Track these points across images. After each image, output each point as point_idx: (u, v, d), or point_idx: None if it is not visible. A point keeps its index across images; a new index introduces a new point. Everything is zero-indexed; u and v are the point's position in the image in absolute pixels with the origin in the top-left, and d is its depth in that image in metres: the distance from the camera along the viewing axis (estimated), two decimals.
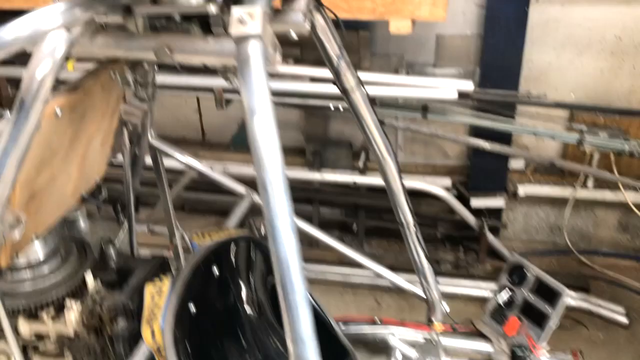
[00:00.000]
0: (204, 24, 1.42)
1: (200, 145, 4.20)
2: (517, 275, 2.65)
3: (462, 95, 3.25)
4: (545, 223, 3.90)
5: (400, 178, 2.03)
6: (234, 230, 2.20)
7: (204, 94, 3.69)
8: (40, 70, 1.26)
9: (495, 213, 3.77)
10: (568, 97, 3.51)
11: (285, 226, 1.06)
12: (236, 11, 1.21)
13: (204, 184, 3.90)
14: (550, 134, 3.34)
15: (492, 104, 3.35)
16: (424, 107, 3.36)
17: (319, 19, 1.60)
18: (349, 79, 1.75)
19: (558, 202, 3.76)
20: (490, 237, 3.64)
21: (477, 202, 3.65)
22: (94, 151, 1.90)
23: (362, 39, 3.49)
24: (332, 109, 3.44)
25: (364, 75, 3.21)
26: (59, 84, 1.43)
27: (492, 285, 2.80)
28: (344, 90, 1.79)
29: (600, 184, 3.59)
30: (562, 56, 3.41)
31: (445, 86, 3.19)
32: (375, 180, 3.66)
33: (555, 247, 3.89)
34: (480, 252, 3.74)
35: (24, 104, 1.27)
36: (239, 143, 4.15)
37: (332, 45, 1.67)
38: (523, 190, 3.66)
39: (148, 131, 2.17)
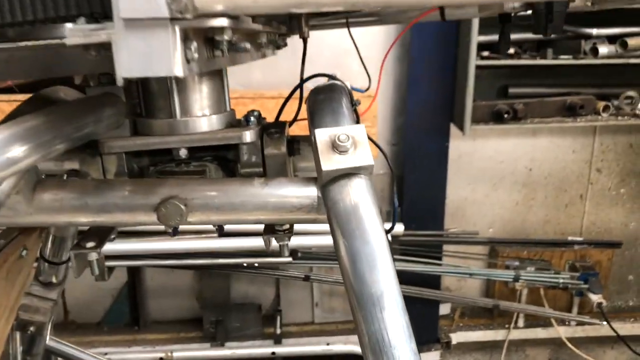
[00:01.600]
0: (222, 160, 0.90)
1: (63, 328, 3.31)
2: None
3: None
4: None
5: None
6: None
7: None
8: None
9: None
10: (486, 231, 3.35)
11: None
12: (323, 134, 0.73)
13: None
14: (485, 274, 3.09)
15: (418, 246, 3.05)
16: None
17: None
18: None
19: (489, 346, 3.46)
20: None
21: None
22: None
23: None
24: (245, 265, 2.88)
25: None
26: None
27: None
28: None
29: (530, 321, 3.37)
30: (478, 190, 3.28)
31: None
32: (296, 348, 3.08)
33: None
34: None
35: None
36: (115, 320, 3.35)
37: None
38: (455, 338, 3.31)
39: (48, 331, 1.47)
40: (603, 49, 2.75)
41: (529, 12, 0.91)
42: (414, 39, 2.77)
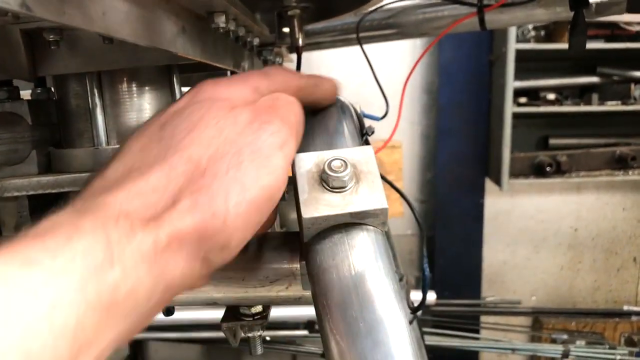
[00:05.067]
0: None
1: None
2: None
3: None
4: None
5: None
6: None
7: None
8: None
9: None
10: (528, 299, 2.99)
11: None
12: (306, 160, 0.45)
13: None
14: (530, 349, 2.70)
15: (452, 317, 2.70)
16: None
17: None
18: None
19: None
20: None
21: None
22: None
23: None
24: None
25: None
26: None
27: None
28: None
29: None
30: (518, 253, 2.94)
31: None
32: None
33: None
34: None
35: None
36: None
37: None
38: None
39: None
40: None
41: None
42: (442, 84, 2.53)
